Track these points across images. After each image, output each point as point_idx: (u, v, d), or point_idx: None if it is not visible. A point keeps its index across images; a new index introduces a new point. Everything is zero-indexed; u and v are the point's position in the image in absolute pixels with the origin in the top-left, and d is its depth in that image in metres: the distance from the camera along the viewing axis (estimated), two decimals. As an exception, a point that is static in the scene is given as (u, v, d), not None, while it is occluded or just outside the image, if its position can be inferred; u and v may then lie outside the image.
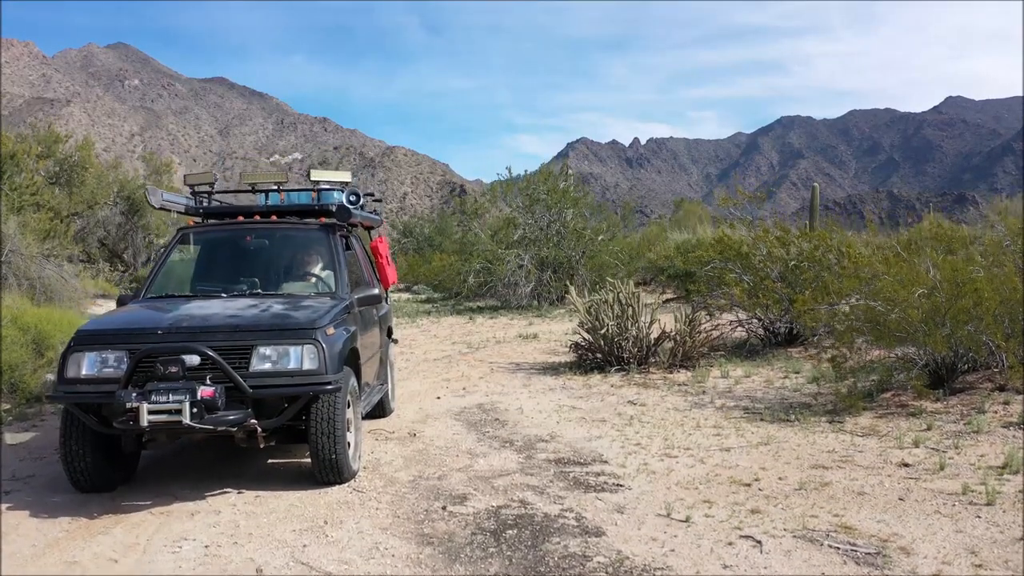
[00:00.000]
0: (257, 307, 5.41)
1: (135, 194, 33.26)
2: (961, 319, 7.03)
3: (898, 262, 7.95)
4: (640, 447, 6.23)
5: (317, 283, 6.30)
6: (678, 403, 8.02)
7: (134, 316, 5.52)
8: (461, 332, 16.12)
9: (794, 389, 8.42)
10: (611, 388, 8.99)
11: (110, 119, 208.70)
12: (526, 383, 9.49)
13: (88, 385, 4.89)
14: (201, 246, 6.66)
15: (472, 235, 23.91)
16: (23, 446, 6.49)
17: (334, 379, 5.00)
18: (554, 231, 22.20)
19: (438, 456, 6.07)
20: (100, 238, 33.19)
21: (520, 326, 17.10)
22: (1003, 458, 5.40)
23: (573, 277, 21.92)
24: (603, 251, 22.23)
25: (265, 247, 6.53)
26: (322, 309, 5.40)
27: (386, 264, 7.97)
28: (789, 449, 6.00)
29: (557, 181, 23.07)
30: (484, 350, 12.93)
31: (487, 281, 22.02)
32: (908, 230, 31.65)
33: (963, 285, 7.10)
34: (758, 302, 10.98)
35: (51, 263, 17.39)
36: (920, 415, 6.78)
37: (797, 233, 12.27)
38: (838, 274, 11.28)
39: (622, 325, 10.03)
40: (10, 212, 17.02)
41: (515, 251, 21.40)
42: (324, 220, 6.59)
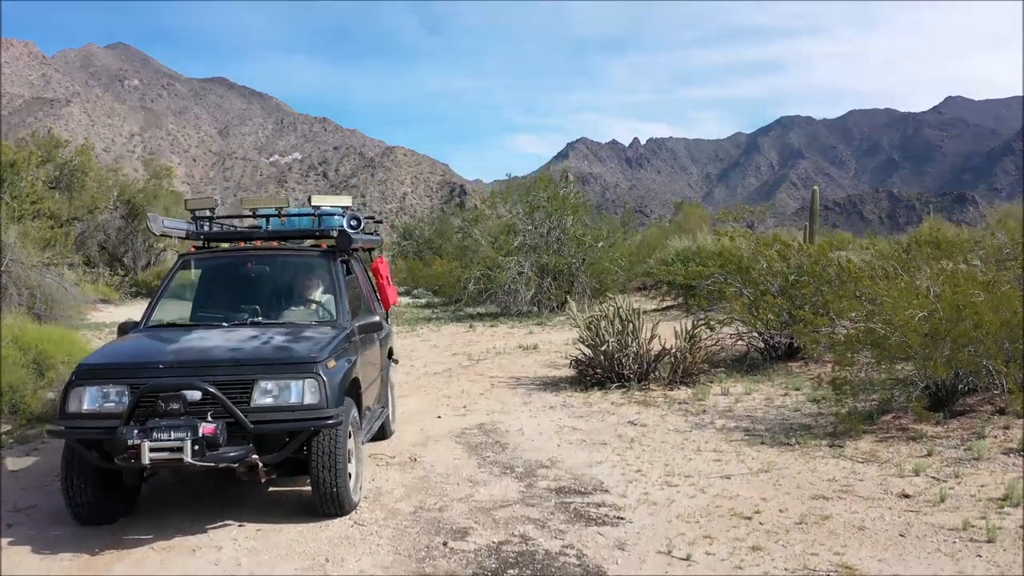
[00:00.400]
0: (258, 338, 5.41)
1: (135, 198, 33.33)
2: (961, 342, 7.03)
3: (898, 285, 7.91)
4: (641, 474, 6.23)
5: (318, 310, 6.30)
6: (679, 424, 8.02)
7: (135, 348, 5.52)
8: (461, 342, 16.13)
9: (794, 408, 8.42)
10: (611, 406, 8.99)
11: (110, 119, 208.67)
12: (526, 400, 9.49)
13: (89, 420, 4.90)
14: (202, 272, 6.68)
15: (472, 241, 23.88)
16: (24, 472, 6.49)
17: (335, 413, 5.00)
18: (554, 238, 22.19)
19: (439, 484, 6.07)
20: (100, 242, 33.25)
21: (520, 335, 17.12)
22: (1003, 489, 5.40)
23: (573, 284, 21.94)
24: (603, 258, 22.22)
25: (266, 274, 6.53)
26: (323, 340, 5.41)
27: (387, 285, 7.98)
28: (790, 477, 6.00)
29: (557, 188, 23.05)
30: (484, 362, 12.94)
31: (487, 288, 22.00)
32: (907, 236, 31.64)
33: (963, 308, 7.10)
34: (758, 317, 10.99)
35: (51, 272, 17.40)
36: (920, 439, 6.78)
37: (797, 247, 12.24)
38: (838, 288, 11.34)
39: (622, 341, 10.04)
40: (10, 221, 17.05)
41: (515, 258, 21.38)
42: (325, 246, 6.59)
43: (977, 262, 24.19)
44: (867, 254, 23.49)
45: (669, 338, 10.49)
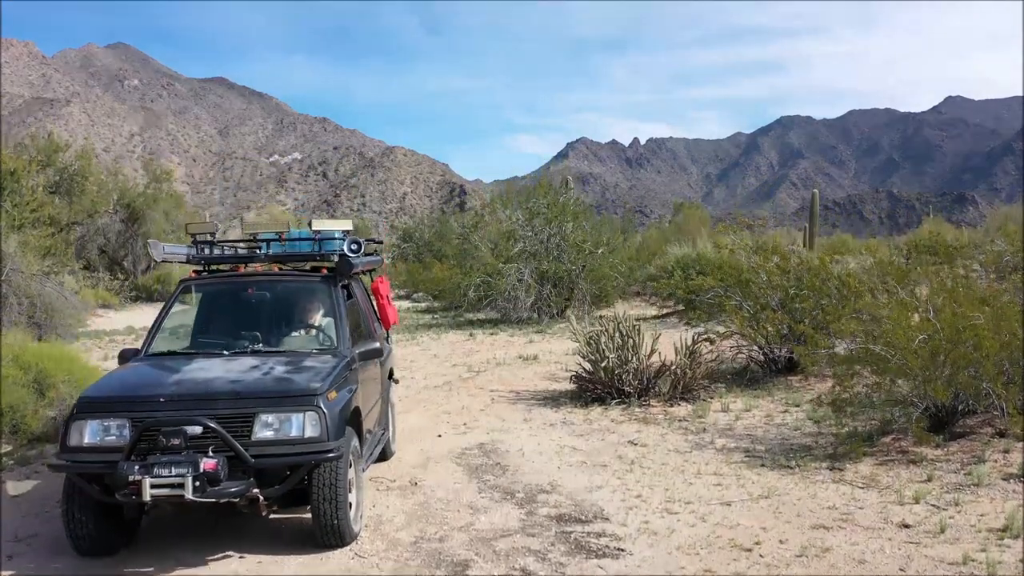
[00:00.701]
0: (259, 369, 5.41)
1: (135, 202, 33.30)
2: (961, 364, 7.03)
3: (898, 306, 7.90)
4: (641, 500, 6.23)
5: (319, 336, 6.30)
6: (679, 443, 8.02)
7: (136, 380, 5.53)
8: (462, 351, 16.13)
9: (794, 427, 8.42)
10: (612, 424, 9.00)
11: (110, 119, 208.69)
12: (527, 417, 9.49)
13: (91, 454, 4.90)
14: (203, 297, 6.68)
15: (472, 247, 23.86)
16: (25, 498, 6.49)
17: (336, 446, 5.01)
18: (554, 244, 22.18)
19: (440, 511, 6.07)
20: (100, 245, 33.22)
21: (520, 344, 17.13)
22: (1003, 519, 5.40)
23: (573, 291, 21.94)
24: (603, 264, 22.22)
25: (267, 299, 6.54)
26: (324, 371, 5.41)
27: (387, 304, 7.98)
28: (790, 504, 6.01)
29: (557, 195, 23.05)
30: (484, 374, 12.94)
31: (487, 294, 22.01)
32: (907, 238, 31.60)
33: (963, 331, 7.10)
34: (758, 331, 11.00)
35: (51, 281, 17.40)
36: (920, 463, 6.79)
37: (797, 260, 12.24)
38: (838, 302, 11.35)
39: (623, 356, 10.04)
40: (10, 230, 17.03)
41: (515, 265, 21.37)
42: (325, 271, 6.58)
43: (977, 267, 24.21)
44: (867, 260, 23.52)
45: (669, 350, 10.50)
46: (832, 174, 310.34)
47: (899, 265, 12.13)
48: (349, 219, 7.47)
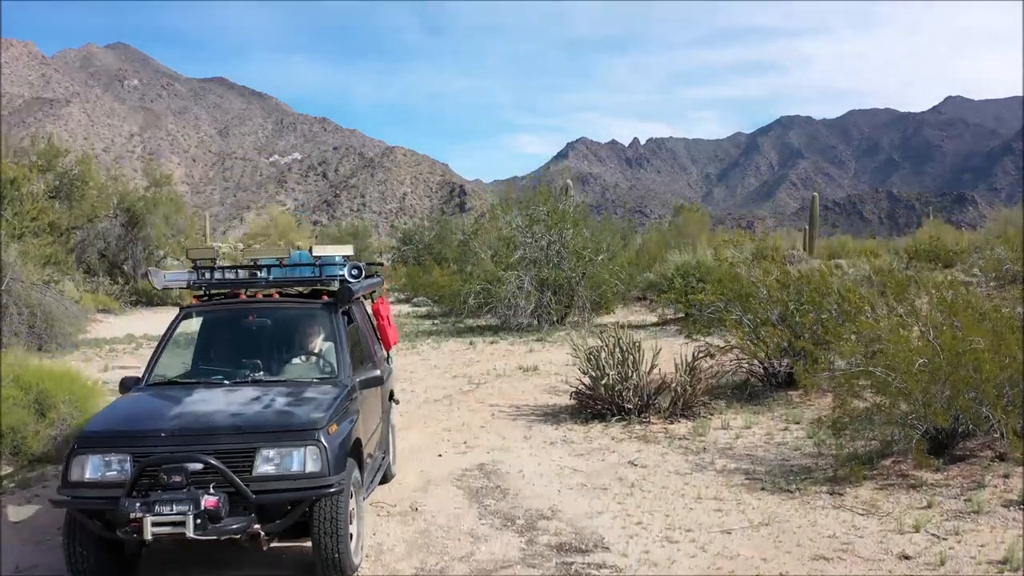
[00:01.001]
0: (260, 401, 5.42)
1: (135, 206, 33.30)
2: (961, 388, 7.04)
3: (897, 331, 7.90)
4: (642, 527, 6.24)
5: (320, 363, 6.31)
6: (679, 464, 8.03)
7: (137, 413, 5.53)
8: (462, 361, 16.13)
9: (794, 447, 8.43)
10: (612, 442, 9.01)
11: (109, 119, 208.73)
12: (527, 434, 9.50)
13: (92, 489, 4.91)
14: (203, 324, 6.68)
15: (472, 254, 23.88)
16: (26, 525, 6.50)
17: (337, 480, 5.01)
18: (554, 252, 22.19)
19: (440, 539, 6.08)
20: (100, 249, 33.20)
21: (520, 353, 17.13)
22: (1003, 550, 5.41)
23: (573, 298, 21.94)
24: (603, 271, 22.24)
25: (267, 327, 6.54)
26: (324, 402, 5.41)
27: (387, 325, 7.99)
28: (790, 532, 6.01)
29: (557, 202, 23.06)
30: (485, 387, 12.96)
31: (487, 301, 22.01)
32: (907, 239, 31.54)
33: (963, 354, 7.10)
34: (758, 346, 11.01)
35: (51, 290, 17.42)
36: (920, 487, 6.80)
37: (797, 275, 12.23)
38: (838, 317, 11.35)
39: (623, 373, 10.05)
40: (11, 239, 17.07)
41: (515, 272, 21.37)
42: (326, 297, 6.58)
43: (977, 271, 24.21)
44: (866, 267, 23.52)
45: (669, 363, 10.53)
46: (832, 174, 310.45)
47: (898, 278, 12.08)
48: (350, 244, 7.46)
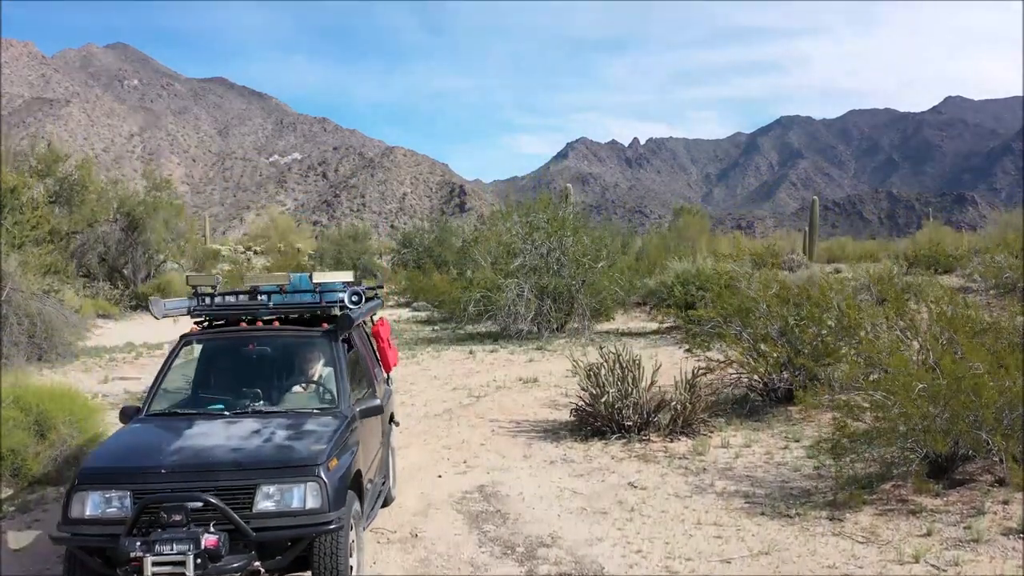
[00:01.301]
0: (260, 435, 5.41)
1: (135, 211, 33.30)
2: (960, 413, 7.04)
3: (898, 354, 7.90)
4: (641, 555, 6.24)
5: (320, 392, 6.31)
6: (679, 486, 8.03)
7: (137, 447, 5.53)
8: (462, 371, 16.13)
9: (794, 468, 8.44)
10: (612, 461, 9.01)
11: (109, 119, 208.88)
12: (526, 453, 9.51)
13: (92, 526, 4.91)
14: (203, 352, 6.68)
15: (472, 263, 23.89)
16: (26, 553, 6.50)
17: (337, 516, 5.02)
18: (554, 259, 22.20)
19: (440, 568, 6.09)
20: (100, 253, 33.22)
21: (520, 363, 17.13)
22: (1003, 583, 5.42)
23: (573, 305, 21.94)
24: (603, 278, 22.24)
25: (267, 355, 6.54)
26: (325, 436, 5.41)
27: (387, 347, 8.00)
28: (790, 562, 6.01)
29: (557, 209, 23.08)
30: (485, 399, 12.96)
31: (488, 308, 22.03)
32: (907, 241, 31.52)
33: (962, 379, 7.11)
34: (758, 362, 11.02)
35: (51, 299, 17.41)
36: (920, 513, 6.80)
37: (796, 290, 12.23)
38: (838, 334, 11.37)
39: (623, 390, 10.05)
40: (11, 249, 17.06)
41: (515, 280, 21.38)
42: (326, 325, 6.57)
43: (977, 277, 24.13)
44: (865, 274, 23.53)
45: (669, 375, 10.54)
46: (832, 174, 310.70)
47: (898, 290, 12.08)
48: (350, 271, 7.45)
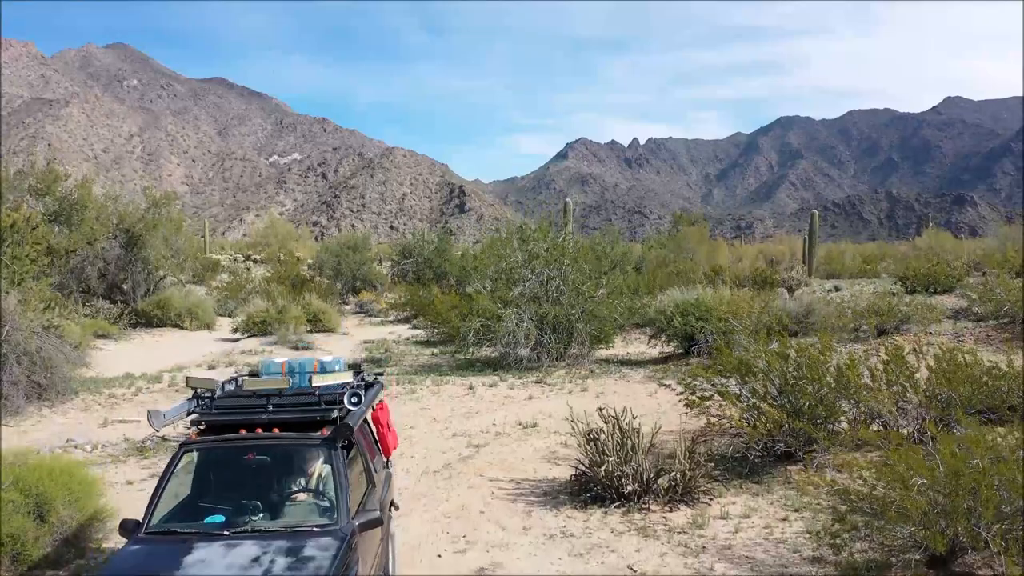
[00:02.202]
0: (260, 563, 5.39)
1: (135, 228, 33.33)
2: (960, 510, 7.04)
3: (900, 451, 7.89)
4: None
5: (319, 502, 6.29)
6: (678, 568, 8.04)
7: None
8: (461, 411, 16.12)
9: (794, 548, 8.43)
10: (611, 536, 9.01)
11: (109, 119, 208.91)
12: (526, 524, 9.49)
13: None
14: (201, 459, 6.64)
15: (473, 291, 23.92)
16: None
17: None
18: (554, 287, 22.22)
19: None
20: (100, 269, 33.25)
21: (520, 400, 17.13)
22: None
23: (573, 334, 21.93)
24: (603, 306, 22.27)
25: (266, 464, 6.52)
26: (324, 565, 5.40)
27: (387, 432, 8.01)
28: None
29: (557, 238, 23.12)
30: (485, 450, 12.98)
31: (487, 336, 22.07)
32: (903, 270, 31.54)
33: (962, 476, 7.11)
34: (756, 428, 11.01)
35: (50, 336, 17.37)
36: (919, 612, 6.81)
37: (796, 348, 12.22)
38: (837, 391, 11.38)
39: (622, 455, 10.05)
40: (11, 285, 17.04)
41: (514, 309, 21.40)
42: (326, 431, 6.53)
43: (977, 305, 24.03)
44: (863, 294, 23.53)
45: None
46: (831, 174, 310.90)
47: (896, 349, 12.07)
48: (349, 371, 7.42)
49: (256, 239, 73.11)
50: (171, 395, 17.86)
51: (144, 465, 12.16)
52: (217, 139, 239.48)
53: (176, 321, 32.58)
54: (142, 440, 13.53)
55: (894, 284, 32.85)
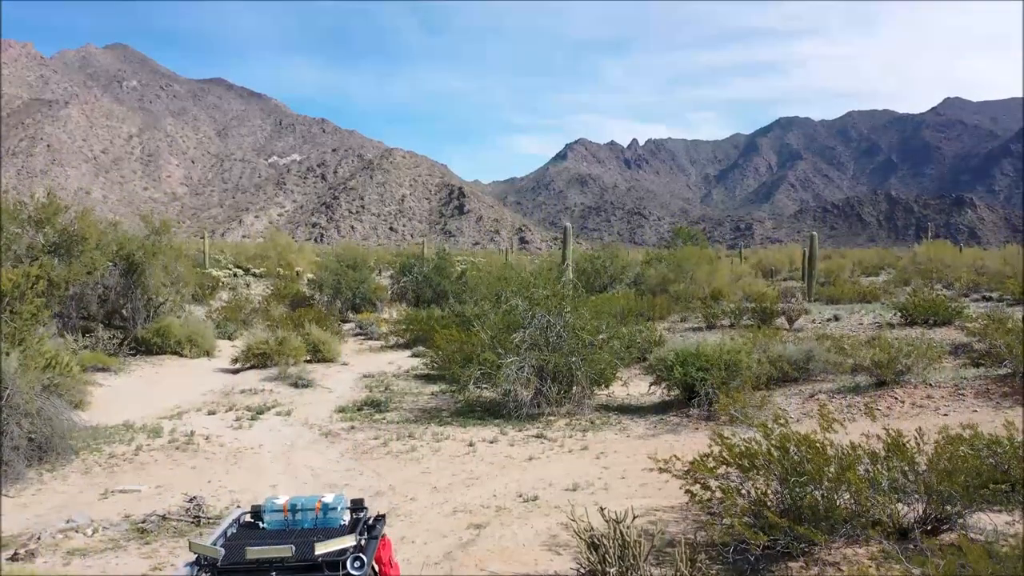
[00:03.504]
0: None
1: (135, 255, 33.38)
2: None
3: None
4: None
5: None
6: None
7: None
8: (463, 478, 16.09)
9: None
10: (613, 656, 9.03)
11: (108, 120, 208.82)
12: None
13: None
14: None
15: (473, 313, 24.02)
16: None
17: None
18: (554, 333, 22.25)
19: None
20: (100, 295, 33.32)
21: (520, 462, 17.13)
22: None
23: (573, 382, 21.96)
24: (605, 352, 22.35)
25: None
26: None
27: (388, 569, 8.01)
28: None
29: (557, 284, 23.19)
30: (486, 532, 12.97)
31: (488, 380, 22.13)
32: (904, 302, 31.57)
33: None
34: (758, 535, 11.01)
35: (52, 393, 17.38)
36: None
37: (796, 438, 12.23)
38: (835, 484, 11.40)
39: (623, 567, 10.06)
40: (11, 347, 17.02)
41: (514, 358, 21.44)
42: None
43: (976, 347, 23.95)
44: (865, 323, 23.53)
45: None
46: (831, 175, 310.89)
47: (895, 438, 12.07)
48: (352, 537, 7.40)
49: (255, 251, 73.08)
50: (171, 454, 17.88)
51: (145, 553, 12.14)
52: (216, 140, 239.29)
53: (176, 348, 32.69)
54: (142, 519, 13.52)
55: (893, 314, 32.85)
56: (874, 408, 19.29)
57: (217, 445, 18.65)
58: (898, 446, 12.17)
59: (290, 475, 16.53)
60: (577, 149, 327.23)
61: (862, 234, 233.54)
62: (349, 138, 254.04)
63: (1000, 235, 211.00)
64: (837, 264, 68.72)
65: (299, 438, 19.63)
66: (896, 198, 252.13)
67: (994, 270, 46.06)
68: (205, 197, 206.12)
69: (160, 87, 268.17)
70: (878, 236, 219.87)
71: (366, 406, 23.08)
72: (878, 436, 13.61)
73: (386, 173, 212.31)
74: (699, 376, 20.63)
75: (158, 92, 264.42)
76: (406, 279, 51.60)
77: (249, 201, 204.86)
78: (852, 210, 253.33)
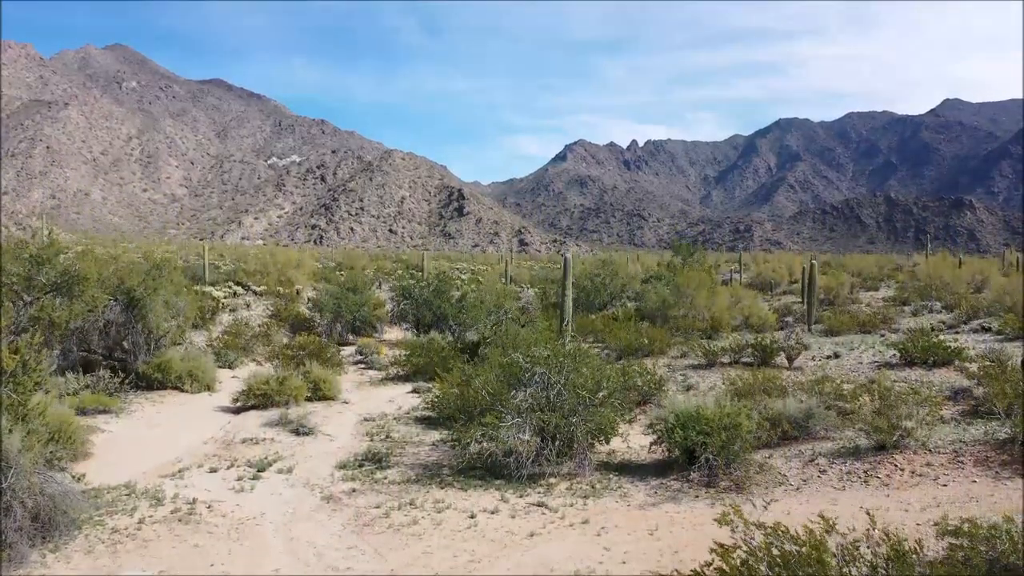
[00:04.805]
0: None
1: (135, 290, 33.46)
2: None
3: None
4: None
5: None
6: None
7: None
8: (464, 558, 16.12)
9: None
10: None
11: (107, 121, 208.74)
12: None
13: None
14: None
15: (473, 392, 24.05)
16: None
17: None
18: (555, 392, 22.30)
19: None
20: (101, 328, 33.42)
21: (521, 539, 17.15)
22: None
23: (573, 441, 22.01)
24: (606, 409, 22.41)
25: None
26: None
27: None
28: None
29: (559, 349, 23.27)
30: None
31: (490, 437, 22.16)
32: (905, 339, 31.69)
33: None
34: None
35: (54, 473, 17.42)
36: None
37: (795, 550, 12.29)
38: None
39: None
40: (13, 423, 17.04)
41: (516, 419, 21.49)
42: None
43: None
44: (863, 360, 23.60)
45: None
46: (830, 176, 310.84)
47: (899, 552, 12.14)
48: None
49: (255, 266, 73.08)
50: (173, 527, 17.93)
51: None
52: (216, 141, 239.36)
53: (176, 383, 32.80)
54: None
55: (893, 353, 32.97)
56: (874, 476, 19.44)
57: (219, 516, 18.68)
58: (899, 554, 12.26)
59: (292, 555, 16.58)
60: (577, 150, 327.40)
61: (861, 236, 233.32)
62: (348, 139, 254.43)
63: (999, 237, 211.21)
64: (836, 280, 68.67)
65: (301, 503, 19.65)
66: (895, 200, 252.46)
67: (991, 298, 46.16)
68: (204, 198, 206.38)
69: (160, 88, 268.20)
70: (877, 238, 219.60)
71: (367, 461, 23.10)
72: (877, 541, 13.75)
73: (385, 175, 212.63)
74: (699, 440, 20.67)
75: (158, 93, 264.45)
76: (406, 303, 51.69)
77: (248, 203, 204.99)
78: (851, 211, 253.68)
